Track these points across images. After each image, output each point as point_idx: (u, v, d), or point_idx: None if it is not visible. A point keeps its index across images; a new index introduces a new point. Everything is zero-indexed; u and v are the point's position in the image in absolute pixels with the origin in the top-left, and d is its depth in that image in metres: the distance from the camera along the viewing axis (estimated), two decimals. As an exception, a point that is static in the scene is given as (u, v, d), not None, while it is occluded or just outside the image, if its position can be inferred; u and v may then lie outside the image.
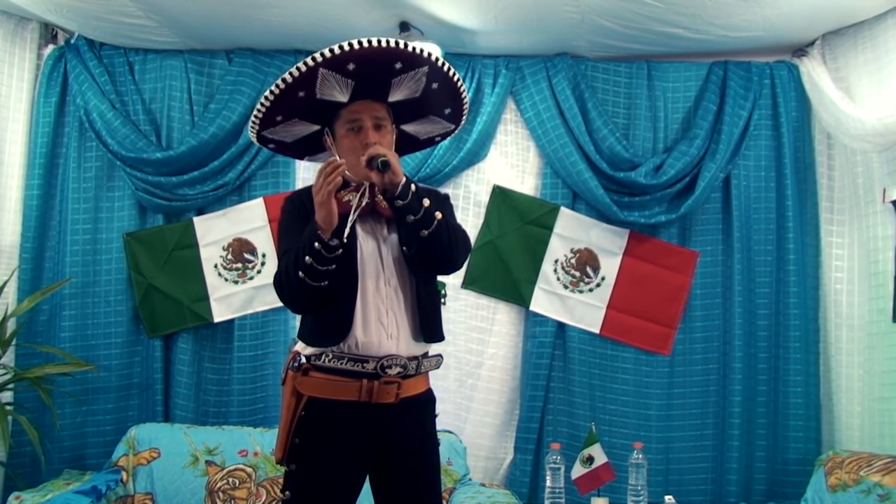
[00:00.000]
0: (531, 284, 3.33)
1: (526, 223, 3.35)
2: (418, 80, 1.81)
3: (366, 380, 1.78)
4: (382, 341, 1.79)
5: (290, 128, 1.86)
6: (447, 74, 1.85)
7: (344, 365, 1.78)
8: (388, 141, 1.83)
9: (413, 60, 1.77)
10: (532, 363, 3.32)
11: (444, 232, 1.78)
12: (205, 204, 3.32)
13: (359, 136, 1.79)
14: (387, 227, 1.85)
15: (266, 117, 1.81)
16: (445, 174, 3.32)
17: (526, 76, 3.37)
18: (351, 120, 1.80)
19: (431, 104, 1.92)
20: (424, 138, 2.04)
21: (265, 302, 3.29)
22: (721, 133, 3.27)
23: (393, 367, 1.79)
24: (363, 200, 1.78)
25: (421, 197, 1.75)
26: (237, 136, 3.28)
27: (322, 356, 1.77)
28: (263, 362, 3.31)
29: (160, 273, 3.29)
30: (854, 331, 3.20)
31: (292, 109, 1.79)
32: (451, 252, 1.83)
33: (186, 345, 3.30)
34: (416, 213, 1.73)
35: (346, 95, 1.77)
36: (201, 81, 3.36)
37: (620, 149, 3.29)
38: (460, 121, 2.03)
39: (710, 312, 3.34)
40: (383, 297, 1.81)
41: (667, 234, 3.37)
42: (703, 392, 3.31)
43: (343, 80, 1.72)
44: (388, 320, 1.81)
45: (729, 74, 3.34)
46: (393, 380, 1.80)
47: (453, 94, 1.92)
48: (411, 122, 1.95)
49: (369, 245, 1.83)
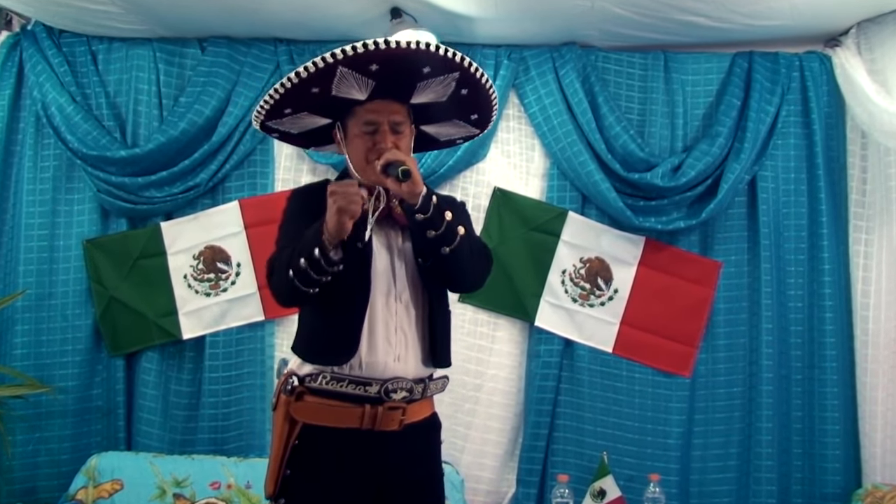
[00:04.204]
0: (536, 297, 3.33)
1: (530, 230, 3.36)
2: (447, 84, 1.82)
3: (368, 405, 1.77)
4: (388, 362, 1.79)
5: (297, 120, 1.87)
6: (480, 82, 1.85)
7: (344, 388, 1.77)
8: (405, 145, 1.83)
9: (444, 66, 1.77)
10: (537, 385, 3.31)
11: (467, 249, 1.78)
12: (174, 207, 3.32)
13: (374, 138, 1.80)
14: (401, 236, 1.86)
15: (273, 109, 1.82)
16: (441, 175, 3.32)
17: (530, 68, 3.37)
18: (367, 121, 1.80)
19: (457, 109, 1.93)
20: (444, 140, 2.06)
21: (240, 316, 3.31)
22: (746, 131, 3.26)
23: (398, 391, 1.79)
24: (379, 204, 1.79)
25: (443, 210, 1.74)
26: (210, 133, 3.27)
27: (319, 377, 1.77)
28: (238, 384, 3.31)
29: (123, 284, 3.29)
30: (879, 349, 3.20)
31: (303, 104, 1.81)
32: (472, 270, 1.84)
33: (152, 364, 3.30)
34: (437, 227, 1.73)
35: (364, 94, 1.78)
36: (171, 72, 3.36)
37: (635, 148, 3.29)
38: (486, 127, 2.05)
39: (735, 329, 3.33)
40: (393, 313, 1.81)
41: (686, 243, 3.37)
42: (728, 418, 3.30)
43: (363, 79, 1.73)
44: (396, 339, 1.81)
45: (754, 66, 3.34)
46: (398, 405, 1.80)
47: (484, 102, 1.94)
48: (432, 124, 1.96)
49: (382, 254, 1.83)
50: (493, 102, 1.94)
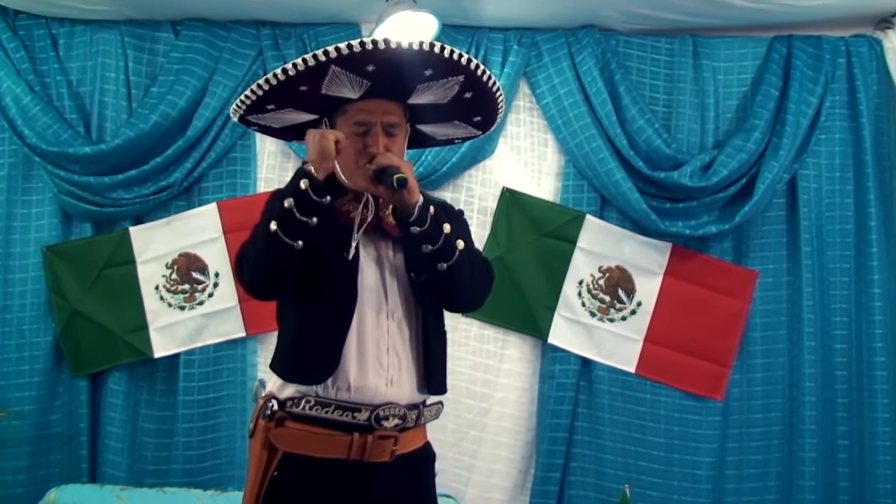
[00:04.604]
0: (549, 311, 3.28)
1: (542, 235, 3.30)
2: (449, 87, 1.81)
3: (357, 433, 1.74)
4: (380, 386, 1.76)
5: (281, 116, 1.86)
6: (486, 86, 1.84)
7: (330, 414, 1.73)
8: (398, 148, 1.82)
9: (449, 69, 1.75)
10: (550, 410, 3.25)
11: (466, 265, 1.77)
12: (144, 210, 3.25)
13: (364, 140, 1.79)
14: (393, 248, 1.84)
15: (255, 105, 1.80)
16: (443, 174, 3.25)
17: (543, 53, 3.31)
18: (359, 121, 1.78)
19: (459, 111, 1.92)
20: (442, 139, 2.05)
21: (219, 332, 3.23)
22: (785, 124, 3.20)
23: (390, 417, 1.76)
24: (367, 213, 1.79)
25: (441, 221, 1.74)
26: (185, 127, 3.19)
27: (302, 401, 1.74)
28: (216, 408, 3.22)
29: (87, 296, 3.21)
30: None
31: (288, 101, 1.80)
32: (471, 289, 1.83)
33: (119, 386, 3.23)
34: (433, 241, 1.71)
35: (356, 93, 1.76)
36: (141, 59, 3.28)
37: (660, 143, 3.23)
38: (489, 129, 2.04)
39: (773, 347, 3.28)
40: (385, 332, 1.78)
41: (718, 250, 3.31)
42: (765, 447, 3.25)
43: (357, 79, 1.72)
44: (388, 360, 1.78)
45: (794, 52, 3.27)
46: (389, 433, 1.77)
47: (489, 106, 1.93)
48: (430, 124, 1.96)
49: (371, 268, 1.81)
50: (500, 106, 1.94)
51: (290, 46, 3.21)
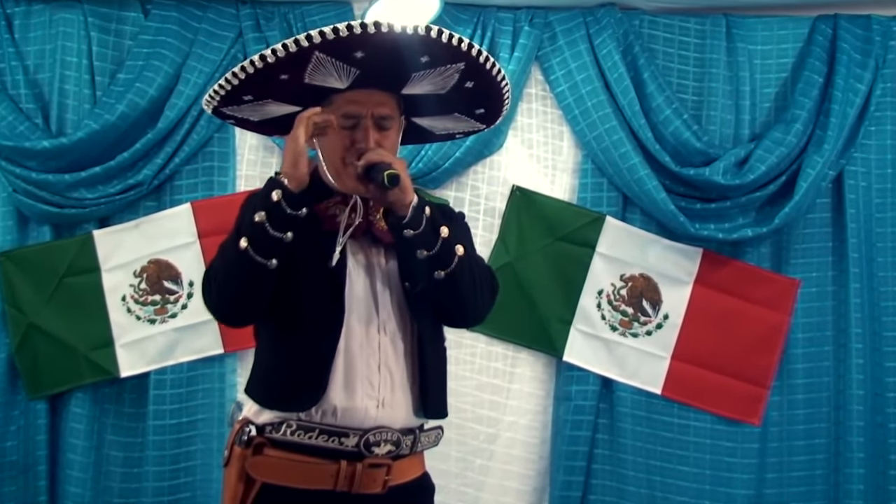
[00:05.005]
0: (565, 325, 3.20)
1: (557, 239, 3.21)
2: (448, 76, 1.75)
3: (345, 461, 1.68)
4: (369, 408, 1.70)
5: (259, 107, 1.81)
6: (490, 74, 1.77)
7: (314, 439, 1.67)
8: (390, 143, 1.76)
9: (447, 56, 1.69)
10: (567, 436, 3.16)
11: (467, 273, 1.71)
12: (110, 212, 3.16)
13: (353, 134, 1.73)
14: (384, 255, 1.80)
15: (230, 96, 1.74)
16: (445, 170, 3.14)
17: (557, 35, 3.22)
18: (347, 114, 1.72)
19: (460, 103, 1.86)
20: (441, 133, 2.01)
21: (193, 349, 3.13)
22: (830, 114, 3.11)
23: (382, 443, 1.70)
24: (355, 218, 1.75)
25: (438, 224, 1.68)
26: (156, 118, 3.09)
27: (282, 426, 1.67)
28: (190, 434, 3.12)
29: (46, 308, 3.12)
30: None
31: (268, 91, 1.74)
32: (474, 301, 1.77)
33: (82, 409, 3.13)
34: (430, 247, 1.65)
35: (344, 83, 1.71)
36: (106, 42, 3.17)
37: (690, 136, 3.13)
38: (495, 122, 1.98)
39: (817, 365, 3.20)
40: (376, 348, 1.73)
41: (755, 256, 3.23)
42: (808, 478, 3.16)
43: (344, 67, 1.67)
44: (380, 379, 1.72)
45: (840, 33, 3.17)
46: (381, 461, 1.71)
47: (493, 96, 1.87)
48: (427, 117, 1.91)
49: (360, 277, 1.77)
50: (505, 97, 1.88)
51: (274, 27, 3.07)
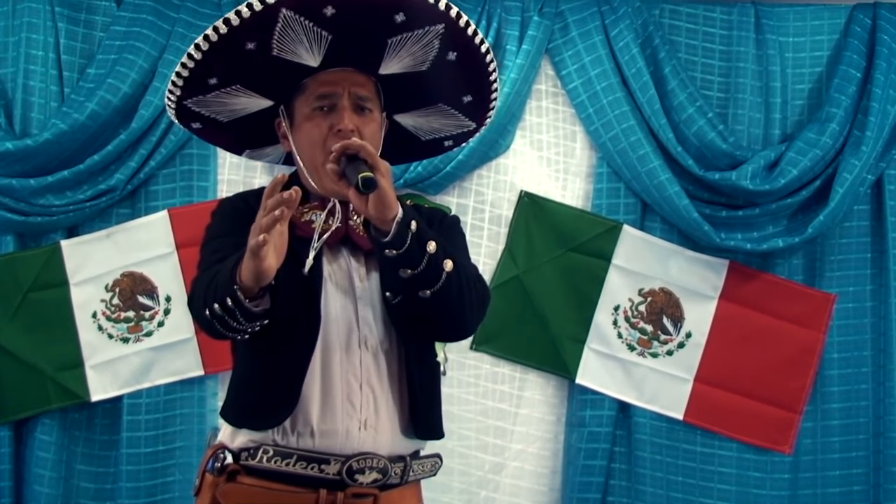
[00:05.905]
0: (578, 344, 3.12)
1: (570, 250, 3.13)
2: (428, 44, 1.68)
3: (324, 490, 1.62)
4: (352, 431, 1.64)
5: (227, 99, 1.72)
6: (471, 39, 1.71)
7: (291, 466, 1.61)
8: (371, 130, 1.68)
9: (424, 13, 1.64)
10: (580, 466, 3.08)
11: (455, 289, 1.63)
12: (79, 220, 3.07)
13: (330, 117, 1.67)
14: (366, 262, 1.74)
15: (194, 76, 1.66)
16: (447, 174, 3.06)
17: (570, 26, 3.14)
18: (321, 95, 1.67)
19: (443, 86, 1.79)
20: (427, 139, 1.92)
21: (170, 370, 3.04)
22: (869, 113, 3.03)
23: (367, 471, 1.65)
24: (332, 223, 1.68)
25: (424, 239, 1.58)
26: (129, 117, 3.01)
27: (258, 452, 1.61)
28: (167, 463, 3.03)
29: (10, 325, 3.03)
30: None
31: (234, 68, 1.67)
32: (460, 314, 1.68)
33: (49, 436, 3.03)
34: (415, 265, 1.56)
35: (316, 58, 1.65)
36: (75, 34, 3.10)
37: (715, 136, 3.06)
38: (485, 118, 1.89)
39: (854, 388, 3.11)
40: (357, 364, 1.67)
41: (786, 268, 3.16)
42: None
43: (316, 31, 1.61)
44: (361, 399, 1.66)
45: (880, 24, 3.10)
46: (367, 491, 1.65)
47: (478, 73, 1.78)
48: (410, 112, 1.83)
49: (337, 288, 1.70)
50: (492, 76, 1.80)
51: (259, 18, 2.94)
